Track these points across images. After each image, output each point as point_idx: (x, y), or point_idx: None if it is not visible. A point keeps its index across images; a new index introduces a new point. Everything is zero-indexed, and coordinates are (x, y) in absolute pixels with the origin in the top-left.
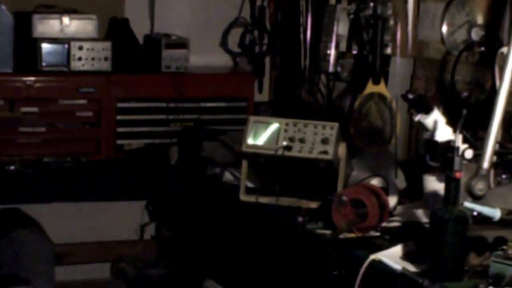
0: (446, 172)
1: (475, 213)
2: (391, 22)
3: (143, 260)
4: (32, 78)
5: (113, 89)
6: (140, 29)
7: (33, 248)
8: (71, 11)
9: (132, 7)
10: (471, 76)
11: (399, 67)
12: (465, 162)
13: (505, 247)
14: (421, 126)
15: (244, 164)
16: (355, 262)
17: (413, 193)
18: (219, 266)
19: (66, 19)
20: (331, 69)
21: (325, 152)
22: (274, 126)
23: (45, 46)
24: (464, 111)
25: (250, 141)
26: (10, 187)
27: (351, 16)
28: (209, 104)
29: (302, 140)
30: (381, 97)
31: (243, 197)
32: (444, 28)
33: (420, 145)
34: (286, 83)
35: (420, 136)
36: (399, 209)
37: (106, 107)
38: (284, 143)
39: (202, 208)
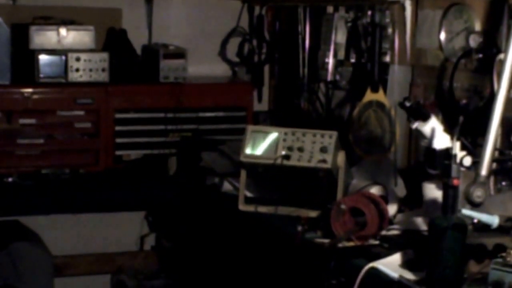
0: (443, 179)
1: (475, 221)
2: (389, 30)
3: (143, 271)
4: (30, 90)
5: (111, 100)
6: (138, 39)
7: (32, 260)
8: (69, 23)
9: (129, 17)
10: (469, 83)
11: (398, 74)
12: (464, 169)
13: (504, 254)
14: (419, 133)
15: (243, 173)
16: (354, 270)
17: (413, 201)
18: (219, 276)
19: (63, 31)
20: (329, 77)
21: (324, 161)
22: (273, 136)
23: (43, 58)
24: (461, 118)
25: (248, 150)
26: (8, 199)
27: (349, 24)
28: (207, 114)
29: (300, 149)
30: (380, 105)
31: (242, 206)
32: (442, 35)
33: (420, 153)
34: (285, 92)
35: (419, 144)
36: (399, 217)
37: (104, 118)
38: (283, 152)
39: (201, 218)
